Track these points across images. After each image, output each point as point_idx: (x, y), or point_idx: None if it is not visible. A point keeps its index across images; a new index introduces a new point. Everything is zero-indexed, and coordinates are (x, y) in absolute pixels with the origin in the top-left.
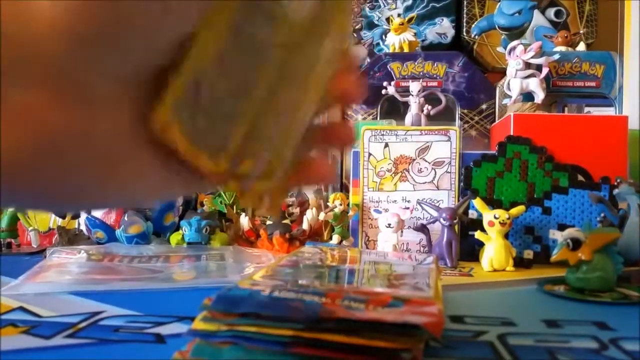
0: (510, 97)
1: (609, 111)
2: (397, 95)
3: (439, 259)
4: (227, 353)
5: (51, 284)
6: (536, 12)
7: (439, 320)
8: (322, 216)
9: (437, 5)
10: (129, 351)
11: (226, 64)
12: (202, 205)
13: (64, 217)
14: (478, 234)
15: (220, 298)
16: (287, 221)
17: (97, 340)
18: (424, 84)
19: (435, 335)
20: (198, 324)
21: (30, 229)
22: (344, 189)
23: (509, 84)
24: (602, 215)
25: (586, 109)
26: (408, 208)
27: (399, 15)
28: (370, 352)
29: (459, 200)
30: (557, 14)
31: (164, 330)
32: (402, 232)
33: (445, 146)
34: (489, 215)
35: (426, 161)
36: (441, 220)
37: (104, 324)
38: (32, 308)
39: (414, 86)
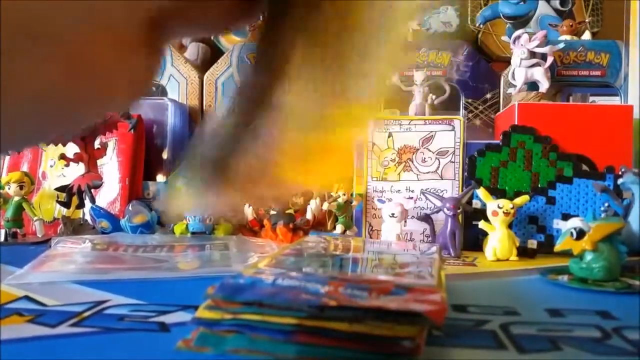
0: (514, 86)
1: (614, 100)
2: (401, 85)
3: (443, 249)
4: (230, 341)
5: (56, 273)
6: (541, 1)
7: (441, 308)
8: (325, 206)
9: None
10: (134, 339)
11: None
12: None
13: (68, 207)
14: (482, 224)
15: (224, 286)
16: (290, 211)
17: (102, 328)
18: (428, 73)
19: (438, 323)
20: (202, 313)
21: (35, 218)
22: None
23: (513, 73)
24: (606, 204)
25: (591, 99)
26: (412, 198)
27: None
28: (372, 340)
29: (462, 190)
30: (563, 2)
31: (168, 319)
32: (405, 221)
33: (449, 136)
34: (492, 205)
35: (430, 151)
36: (445, 210)
37: (108, 313)
38: (37, 297)
39: (418, 75)
